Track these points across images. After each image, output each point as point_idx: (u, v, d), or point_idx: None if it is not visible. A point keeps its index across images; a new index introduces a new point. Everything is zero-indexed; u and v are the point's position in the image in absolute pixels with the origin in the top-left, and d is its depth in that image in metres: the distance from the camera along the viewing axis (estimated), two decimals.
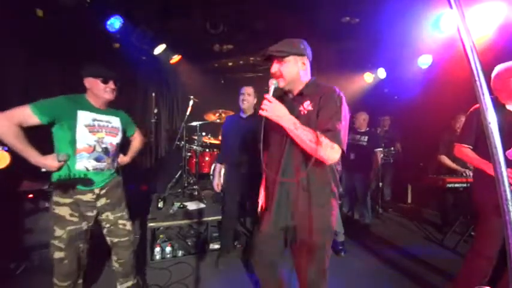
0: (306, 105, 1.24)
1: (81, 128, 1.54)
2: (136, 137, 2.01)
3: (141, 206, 3.19)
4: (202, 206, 3.12)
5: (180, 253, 2.60)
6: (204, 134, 4.06)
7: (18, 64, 2.79)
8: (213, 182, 2.61)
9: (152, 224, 2.59)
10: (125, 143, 1.95)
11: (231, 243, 2.65)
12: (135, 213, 1.98)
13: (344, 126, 1.19)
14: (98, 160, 1.61)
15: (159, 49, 3.86)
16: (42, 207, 2.40)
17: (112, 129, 1.70)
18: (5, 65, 2.62)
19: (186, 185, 3.68)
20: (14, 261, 2.30)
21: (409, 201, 4.67)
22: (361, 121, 3.50)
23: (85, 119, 1.56)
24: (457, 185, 2.90)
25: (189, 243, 2.80)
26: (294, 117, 1.16)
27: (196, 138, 3.97)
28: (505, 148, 1.36)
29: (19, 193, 2.40)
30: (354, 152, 3.44)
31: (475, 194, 1.71)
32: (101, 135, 1.62)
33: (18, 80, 2.84)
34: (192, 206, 3.09)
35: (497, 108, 1.59)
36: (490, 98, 0.50)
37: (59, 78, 3.21)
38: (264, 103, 1.16)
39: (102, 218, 1.73)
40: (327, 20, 3.47)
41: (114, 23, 3.14)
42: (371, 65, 4.80)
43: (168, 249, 2.56)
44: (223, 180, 2.57)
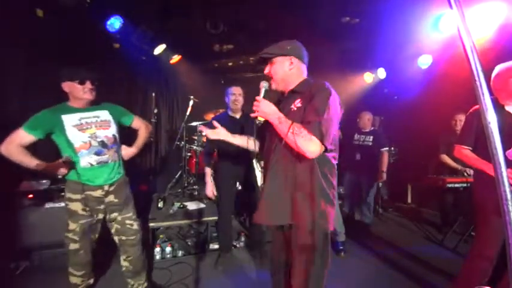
0: (297, 103, 1.28)
1: (70, 129, 1.63)
2: (140, 125, 2.00)
3: (141, 206, 3.19)
4: (202, 206, 3.12)
5: (180, 253, 2.61)
6: (204, 134, 4.06)
7: (18, 64, 2.78)
8: (206, 189, 2.46)
9: (152, 224, 2.60)
10: (130, 134, 1.97)
11: (230, 243, 2.64)
12: (136, 214, 1.98)
13: (327, 119, 1.15)
14: (98, 154, 1.69)
15: (159, 49, 3.86)
16: (42, 208, 2.39)
17: (102, 123, 1.74)
18: (5, 65, 2.62)
19: (186, 185, 3.69)
20: (14, 261, 2.30)
21: (409, 201, 4.66)
22: (366, 121, 3.46)
23: (71, 121, 1.64)
24: (457, 185, 2.90)
25: (189, 243, 2.80)
26: (282, 114, 1.19)
27: (196, 138, 3.97)
28: (504, 149, 1.36)
29: (19, 193, 2.40)
30: (359, 153, 3.41)
31: (475, 195, 1.71)
32: (91, 131, 1.68)
33: (18, 80, 2.84)
34: (192, 206, 3.10)
35: (497, 109, 1.58)
36: (490, 98, 0.49)
37: (58, 79, 3.20)
38: (255, 104, 1.22)
39: (110, 217, 1.80)
40: (327, 20, 3.47)
41: (114, 23, 3.14)
42: (371, 65, 4.78)
43: (168, 249, 2.56)
44: (214, 182, 2.51)
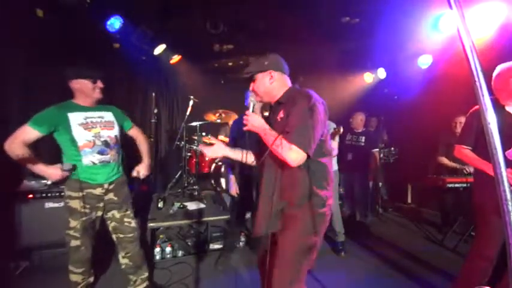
0: (281, 113, 1.31)
1: (75, 128, 1.65)
2: (136, 134, 2.02)
3: (141, 206, 3.19)
4: (202, 206, 3.11)
5: (180, 253, 2.61)
6: (204, 134, 4.06)
7: (18, 64, 2.78)
8: (230, 188, 2.50)
9: (152, 224, 2.59)
10: (127, 142, 1.98)
11: (235, 243, 2.66)
12: (135, 213, 1.99)
13: (308, 127, 1.16)
14: (101, 153, 1.72)
15: (159, 49, 3.86)
16: (42, 208, 2.39)
17: (106, 123, 1.78)
18: (5, 65, 2.61)
19: (186, 185, 3.68)
20: (14, 261, 2.30)
21: (409, 201, 4.67)
22: (358, 121, 3.50)
23: (77, 119, 1.67)
24: (457, 185, 2.89)
25: (189, 243, 2.80)
26: (269, 126, 1.24)
27: (196, 138, 3.97)
28: (504, 149, 1.36)
29: (19, 193, 2.40)
30: (351, 153, 3.44)
31: (475, 195, 1.71)
32: (96, 131, 1.71)
33: (18, 80, 2.83)
34: (192, 206, 3.09)
35: (497, 109, 1.59)
36: (490, 99, 0.49)
37: (59, 79, 3.19)
38: (245, 118, 1.27)
39: (108, 216, 1.83)
40: (327, 20, 3.46)
41: (114, 23, 3.14)
42: (371, 65, 4.77)
43: (168, 249, 2.56)
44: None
